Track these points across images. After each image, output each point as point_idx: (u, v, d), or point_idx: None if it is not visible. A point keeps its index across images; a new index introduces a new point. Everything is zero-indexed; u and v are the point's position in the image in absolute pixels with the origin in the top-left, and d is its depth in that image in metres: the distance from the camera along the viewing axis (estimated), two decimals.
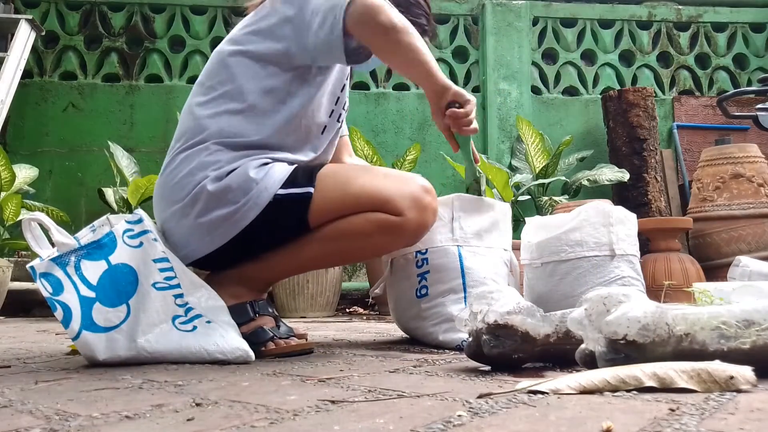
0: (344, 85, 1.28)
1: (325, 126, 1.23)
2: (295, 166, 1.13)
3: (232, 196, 1.07)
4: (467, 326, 0.87)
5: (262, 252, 1.13)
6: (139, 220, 1.02)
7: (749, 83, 3.80)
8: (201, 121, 1.13)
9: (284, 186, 1.08)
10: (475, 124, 1.16)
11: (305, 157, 1.20)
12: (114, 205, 2.89)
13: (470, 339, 0.85)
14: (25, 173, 2.91)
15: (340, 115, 1.30)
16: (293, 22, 1.12)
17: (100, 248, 0.98)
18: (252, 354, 0.99)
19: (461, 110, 1.13)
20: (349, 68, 1.28)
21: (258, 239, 1.10)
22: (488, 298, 0.87)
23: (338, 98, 1.26)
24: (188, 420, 0.55)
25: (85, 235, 0.99)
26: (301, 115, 1.16)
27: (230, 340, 0.99)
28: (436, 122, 1.19)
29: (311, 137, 1.21)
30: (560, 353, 0.85)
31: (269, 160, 1.12)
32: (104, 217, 1.01)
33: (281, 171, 1.10)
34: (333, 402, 0.62)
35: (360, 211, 1.08)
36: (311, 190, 1.09)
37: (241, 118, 1.13)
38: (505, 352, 0.81)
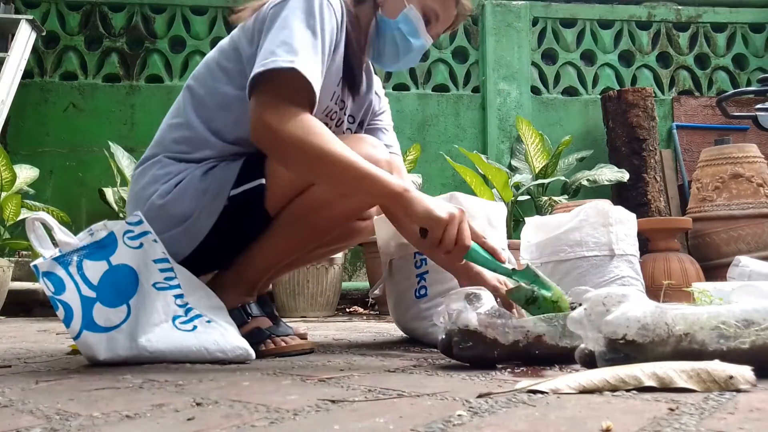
0: (334, 93, 1.13)
1: None
2: (243, 159, 1.08)
3: (184, 208, 1.05)
4: (443, 324, 0.88)
5: (232, 254, 1.11)
6: (139, 222, 1.02)
7: (748, 83, 3.80)
8: (160, 133, 1.14)
9: (235, 185, 1.05)
10: (465, 241, 0.93)
11: None
12: (114, 206, 2.89)
13: (444, 336, 0.87)
14: (25, 173, 2.91)
15: (343, 122, 1.20)
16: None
17: (101, 248, 0.98)
18: (252, 352, 0.99)
19: (436, 250, 0.94)
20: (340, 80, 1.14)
21: (223, 242, 1.09)
22: (468, 299, 0.88)
23: (327, 107, 1.14)
24: (188, 419, 0.55)
25: (84, 239, 1.00)
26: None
27: (230, 338, 0.99)
28: (416, 246, 1.10)
29: None
30: (531, 357, 0.86)
31: (214, 162, 1.08)
32: (101, 223, 1.01)
33: (228, 171, 1.06)
34: (333, 401, 0.62)
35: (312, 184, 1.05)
36: (262, 181, 1.04)
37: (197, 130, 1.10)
38: (474, 355, 0.84)
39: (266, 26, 1.01)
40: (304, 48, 0.95)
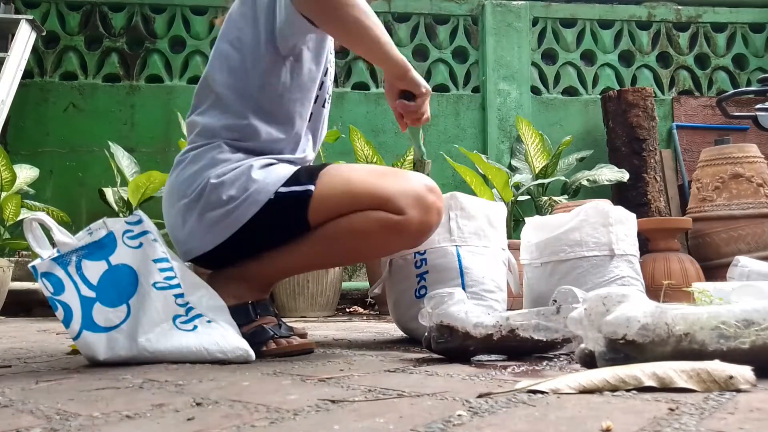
0: (326, 70, 1.24)
1: (312, 113, 1.22)
2: (299, 167, 1.14)
3: (234, 192, 1.08)
4: (425, 321, 0.98)
5: (262, 250, 1.13)
6: (139, 221, 1.02)
7: (748, 83, 3.80)
8: (203, 124, 1.15)
9: (285, 184, 1.09)
10: (427, 114, 1.17)
11: (302, 153, 1.21)
12: (114, 206, 2.89)
13: (427, 333, 0.98)
14: (25, 173, 2.91)
15: (325, 100, 1.28)
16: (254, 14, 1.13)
17: (100, 248, 0.98)
18: (252, 353, 0.99)
19: (412, 104, 1.14)
20: (327, 52, 1.23)
21: (258, 237, 1.11)
22: (443, 298, 0.97)
23: (322, 83, 1.23)
24: (189, 419, 0.55)
25: (83, 238, 0.99)
26: (284, 95, 1.15)
27: (231, 339, 0.99)
28: (387, 99, 1.19)
29: (299, 125, 1.19)
30: (505, 348, 0.95)
31: (274, 161, 1.13)
32: (101, 221, 1.01)
33: (284, 170, 1.11)
34: (333, 401, 0.62)
35: (361, 209, 1.07)
36: (312, 187, 1.08)
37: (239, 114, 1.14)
38: (449, 348, 0.94)
39: None
40: None
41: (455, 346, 0.93)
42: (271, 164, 1.12)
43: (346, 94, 3.54)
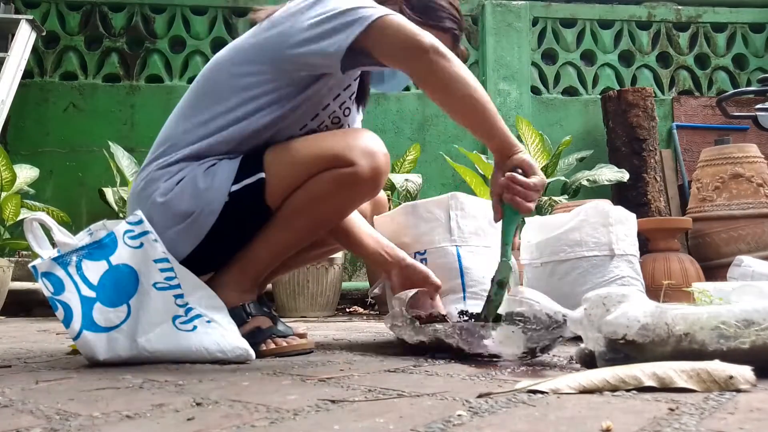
0: (339, 101, 1.18)
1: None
2: (242, 155, 1.10)
3: (185, 207, 1.07)
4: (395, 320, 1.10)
5: (237, 248, 1.12)
6: (140, 221, 1.02)
7: (748, 83, 3.80)
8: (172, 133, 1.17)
9: (235, 181, 1.07)
10: (533, 204, 1.02)
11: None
12: (114, 206, 2.89)
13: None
14: (25, 173, 2.91)
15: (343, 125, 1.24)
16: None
17: (101, 248, 0.98)
18: (252, 353, 0.99)
19: (526, 180, 1.00)
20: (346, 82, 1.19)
21: (227, 238, 1.10)
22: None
23: (333, 113, 1.18)
24: (189, 419, 0.55)
25: (83, 239, 0.99)
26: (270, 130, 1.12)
27: (230, 339, 0.99)
28: (491, 183, 1.07)
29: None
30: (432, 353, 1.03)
31: (215, 161, 1.10)
32: (101, 222, 1.01)
33: (228, 167, 1.08)
34: (333, 401, 0.62)
35: (313, 176, 1.07)
36: (262, 174, 1.07)
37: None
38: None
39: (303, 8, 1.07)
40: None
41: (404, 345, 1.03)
42: (212, 165, 1.09)
43: None
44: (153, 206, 1.08)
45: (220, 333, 0.99)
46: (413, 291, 1.12)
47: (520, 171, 1.02)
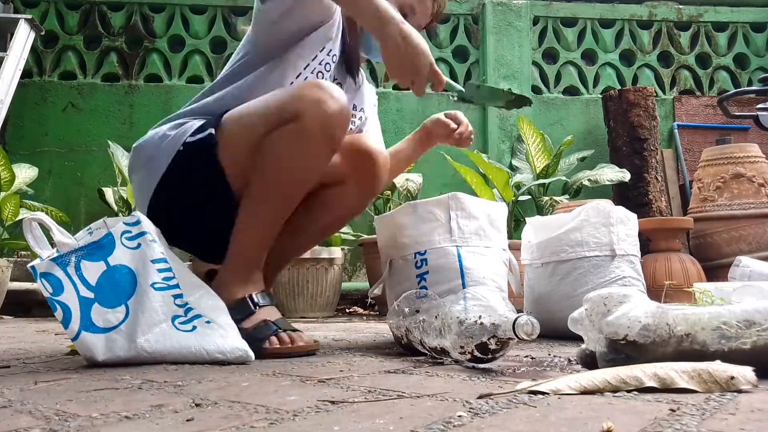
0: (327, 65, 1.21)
1: None
2: (210, 117, 1.15)
3: (149, 152, 1.16)
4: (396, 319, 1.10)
5: (191, 209, 1.16)
6: (137, 222, 1.02)
7: (750, 83, 3.80)
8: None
9: (193, 134, 1.12)
10: (439, 77, 1.07)
11: None
12: (114, 206, 2.89)
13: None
14: (24, 173, 2.91)
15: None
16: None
17: (99, 249, 0.98)
18: (251, 354, 0.98)
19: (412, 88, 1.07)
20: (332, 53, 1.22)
21: (178, 191, 1.14)
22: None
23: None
24: (188, 420, 0.55)
25: (83, 238, 0.99)
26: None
27: (230, 340, 0.98)
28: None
29: None
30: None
31: (187, 120, 1.17)
32: (101, 220, 1.01)
33: (195, 123, 1.14)
34: (333, 402, 0.62)
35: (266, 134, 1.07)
36: (212, 130, 1.10)
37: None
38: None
39: None
40: None
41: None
42: (183, 123, 1.16)
43: None
44: (132, 151, 1.21)
45: (220, 334, 0.98)
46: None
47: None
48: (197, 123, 1.14)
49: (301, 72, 1.19)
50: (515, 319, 0.78)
